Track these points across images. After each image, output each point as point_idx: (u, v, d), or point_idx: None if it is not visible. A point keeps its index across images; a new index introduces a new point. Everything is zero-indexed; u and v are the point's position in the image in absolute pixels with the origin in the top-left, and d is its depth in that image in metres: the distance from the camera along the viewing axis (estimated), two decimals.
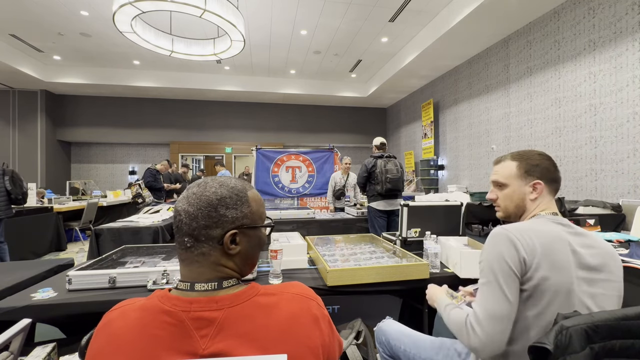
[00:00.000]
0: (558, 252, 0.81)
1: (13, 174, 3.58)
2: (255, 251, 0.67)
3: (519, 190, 0.96)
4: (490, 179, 1.05)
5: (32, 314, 1.15)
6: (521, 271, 0.79)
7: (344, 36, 6.84)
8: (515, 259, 0.80)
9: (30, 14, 5.85)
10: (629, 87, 3.95)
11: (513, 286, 0.79)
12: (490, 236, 0.87)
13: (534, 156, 0.96)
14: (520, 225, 0.87)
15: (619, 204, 3.74)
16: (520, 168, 0.96)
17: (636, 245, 1.92)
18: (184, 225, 0.59)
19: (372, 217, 3.50)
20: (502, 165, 1.01)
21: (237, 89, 9.57)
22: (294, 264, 1.64)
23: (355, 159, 10.68)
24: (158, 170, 5.82)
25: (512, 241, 0.81)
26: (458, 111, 7.58)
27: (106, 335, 0.54)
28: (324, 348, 0.58)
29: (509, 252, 0.80)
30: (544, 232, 0.84)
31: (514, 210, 0.98)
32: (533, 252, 0.80)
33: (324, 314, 0.62)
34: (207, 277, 0.59)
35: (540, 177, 0.94)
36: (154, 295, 0.58)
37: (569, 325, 0.65)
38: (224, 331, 0.54)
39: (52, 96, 9.49)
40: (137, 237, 2.94)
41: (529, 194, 0.95)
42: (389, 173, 3.36)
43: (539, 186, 0.93)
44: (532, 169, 0.95)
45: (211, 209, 0.59)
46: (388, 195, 3.42)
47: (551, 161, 0.96)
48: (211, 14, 3.80)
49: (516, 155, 0.99)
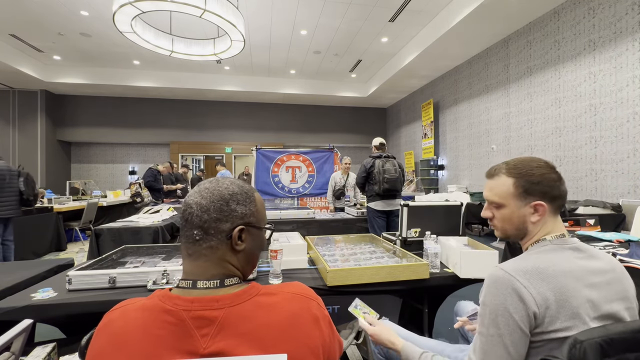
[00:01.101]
0: (573, 298, 0.70)
1: (27, 176, 3.75)
2: (256, 251, 0.69)
3: (517, 211, 0.82)
4: (484, 195, 0.91)
5: (32, 314, 1.15)
6: (531, 327, 0.69)
7: (344, 36, 6.84)
8: (523, 315, 0.68)
9: (30, 14, 5.85)
10: (629, 87, 3.96)
11: (520, 344, 0.69)
12: (491, 280, 0.74)
13: (533, 170, 0.81)
14: (523, 264, 0.74)
15: (619, 204, 3.75)
16: (518, 187, 0.81)
17: (636, 245, 1.92)
18: (194, 218, 0.60)
19: (371, 218, 3.50)
20: (496, 181, 0.85)
21: (237, 89, 9.57)
22: (294, 264, 1.64)
23: (355, 159, 10.68)
24: (159, 171, 5.82)
25: (518, 293, 0.69)
26: (458, 111, 7.58)
27: (107, 335, 0.54)
28: (324, 348, 0.58)
29: (515, 306, 0.69)
30: (554, 273, 0.71)
31: (515, 232, 0.85)
32: (545, 303, 0.68)
33: (325, 315, 0.62)
34: (212, 272, 0.60)
35: (542, 197, 0.80)
36: (155, 295, 0.59)
37: (583, 339, 0.63)
38: (224, 330, 0.54)
39: (52, 96, 9.49)
40: (137, 237, 2.94)
41: (529, 215, 0.81)
42: (386, 173, 3.35)
43: (541, 208, 0.80)
44: (532, 188, 0.80)
45: (223, 202, 0.62)
46: (386, 196, 3.41)
47: (554, 173, 0.81)
48: (211, 14, 3.81)
49: (512, 170, 0.83)
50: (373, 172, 3.40)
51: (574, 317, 0.68)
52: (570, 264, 0.74)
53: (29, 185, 3.71)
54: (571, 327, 0.68)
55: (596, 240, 2.20)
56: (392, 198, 3.45)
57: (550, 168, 0.82)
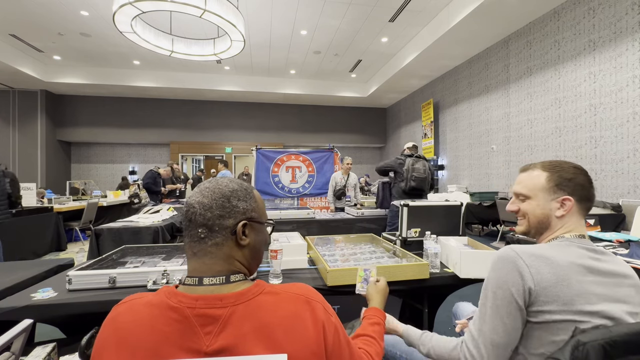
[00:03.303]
0: (573, 286, 0.72)
1: (13, 177, 3.59)
2: (261, 247, 0.70)
3: (543, 204, 0.84)
4: (513, 189, 0.93)
5: (32, 314, 1.14)
6: (525, 302, 0.72)
7: (344, 36, 6.84)
8: (519, 289, 0.72)
9: (30, 14, 5.85)
10: (629, 87, 3.96)
11: (515, 316, 0.72)
12: (497, 256, 0.78)
13: (569, 169, 0.84)
14: (533, 249, 0.77)
15: (619, 204, 3.75)
16: (551, 180, 0.84)
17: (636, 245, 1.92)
18: (198, 217, 0.61)
19: (393, 217, 3.45)
20: (529, 174, 0.89)
21: (237, 89, 9.57)
22: (294, 264, 1.64)
23: (356, 159, 10.69)
24: (160, 174, 5.81)
25: (518, 268, 0.73)
26: (458, 111, 7.58)
27: (113, 329, 0.55)
28: (329, 354, 0.58)
29: (514, 280, 0.73)
30: (560, 261, 0.74)
31: (536, 225, 0.87)
32: (542, 283, 0.71)
33: (331, 321, 0.61)
34: (218, 269, 0.61)
35: (571, 193, 0.82)
36: (161, 291, 0.59)
37: (586, 340, 0.63)
38: (228, 329, 0.54)
39: (52, 96, 9.49)
40: (137, 237, 2.94)
41: (555, 210, 0.83)
42: (415, 172, 3.32)
43: (568, 203, 0.82)
44: (564, 183, 0.83)
45: (225, 199, 0.63)
46: (412, 194, 3.36)
47: (587, 177, 0.84)
48: (211, 14, 3.81)
49: (547, 165, 0.87)
50: (402, 169, 3.39)
51: (567, 304, 0.70)
52: (579, 258, 0.76)
53: (15, 186, 3.54)
54: (563, 311, 0.70)
55: (596, 241, 2.20)
56: (418, 198, 3.42)
57: (583, 171, 0.85)
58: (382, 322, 0.91)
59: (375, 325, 0.87)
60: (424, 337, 0.90)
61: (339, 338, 0.61)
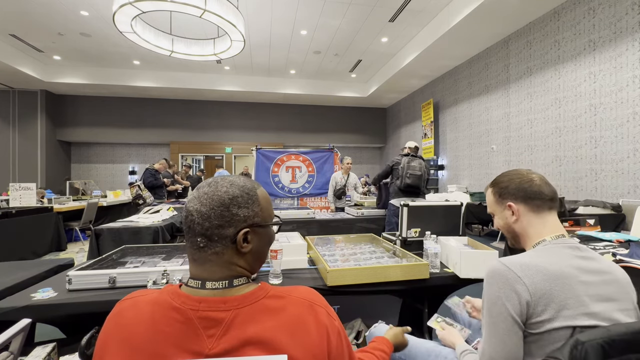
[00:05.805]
0: (564, 291, 0.72)
1: None
2: (265, 249, 0.67)
3: (501, 216, 0.91)
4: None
5: (32, 314, 1.14)
6: (523, 316, 0.71)
7: (344, 36, 6.84)
8: (515, 304, 0.71)
9: (30, 14, 5.85)
10: (629, 87, 3.95)
11: (514, 333, 0.72)
12: (488, 271, 0.78)
13: (504, 177, 0.92)
14: (521, 258, 0.77)
15: (619, 204, 3.75)
16: (495, 193, 0.93)
17: (636, 245, 1.92)
18: (196, 226, 0.59)
19: (391, 215, 3.46)
20: (487, 194, 0.98)
21: (237, 89, 9.57)
22: (294, 264, 1.64)
23: (356, 159, 10.68)
24: (157, 170, 5.81)
25: (512, 283, 0.72)
26: (458, 111, 7.58)
27: (116, 325, 0.56)
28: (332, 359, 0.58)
29: (507, 295, 0.72)
30: (550, 266, 0.74)
31: (511, 237, 0.92)
32: (538, 292, 0.71)
33: (334, 325, 0.60)
34: (220, 275, 0.59)
35: (514, 199, 0.87)
36: (165, 290, 0.59)
37: (585, 339, 0.63)
38: (231, 332, 0.54)
39: (52, 96, 9.49)
40: (137, 237, 2.94)
41: (509, 217, 0.89)
42: (410, 169, 3.34)
43: (514, 207, 0.87)
44: (503, 192, 0.90)
45: (224, 208, 0.59)
46: (408, 192, 3.37)
47: (524, 177, 0.88)
48: (211, 14, 3.81)
49: (493, 181, 0.95)
50: (398, 167, 3.40)
51: (563, 309, 0.70)
52: (567, 260, 0.77)
53: None
54: (560, 317, 0.70)
55: (596, 240, 2.19)
56: (414, 196, 3.42)
57: (521, 174, 0.90)
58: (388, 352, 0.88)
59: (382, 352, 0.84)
60: (464, 354, 0.92)
61: (342, 343, 0.61)
